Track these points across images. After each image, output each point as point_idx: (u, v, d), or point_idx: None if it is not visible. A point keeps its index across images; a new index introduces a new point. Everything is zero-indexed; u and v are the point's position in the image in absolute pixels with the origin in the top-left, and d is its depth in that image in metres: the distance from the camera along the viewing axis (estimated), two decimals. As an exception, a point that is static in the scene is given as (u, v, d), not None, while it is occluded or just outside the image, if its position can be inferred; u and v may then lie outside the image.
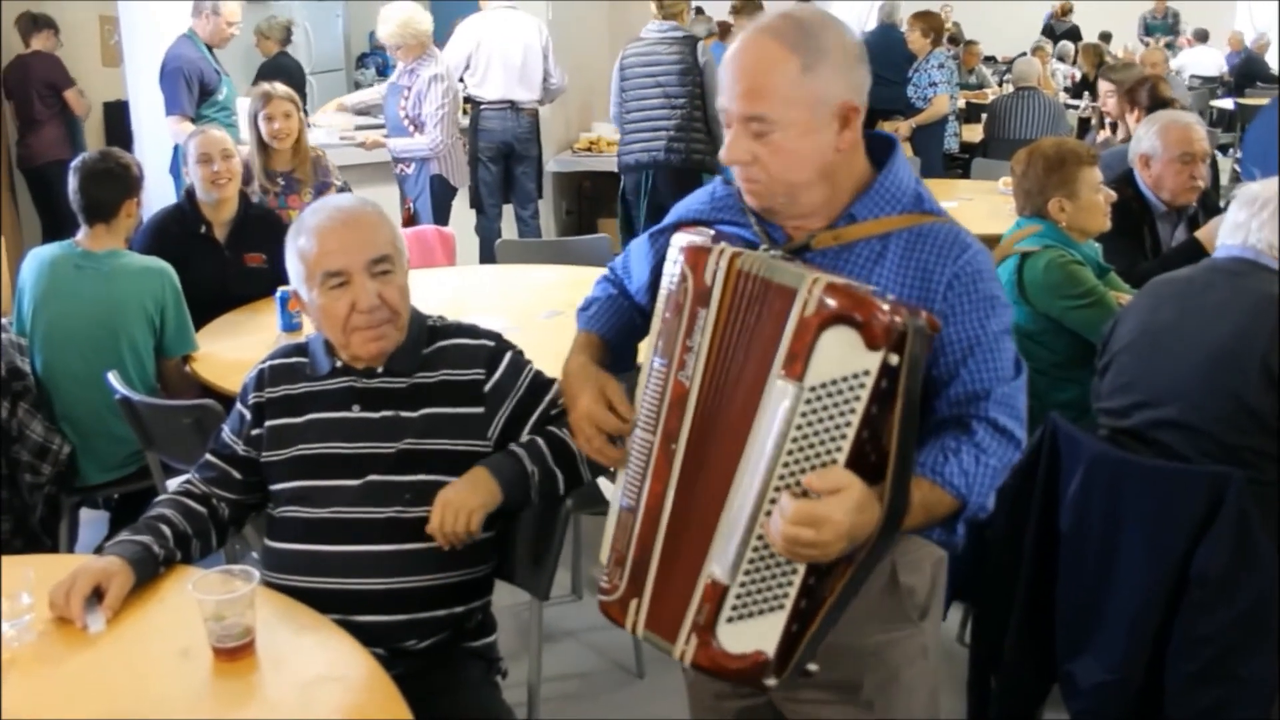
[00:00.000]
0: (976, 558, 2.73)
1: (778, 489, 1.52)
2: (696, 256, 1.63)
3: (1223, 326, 2.49)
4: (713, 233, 1.75)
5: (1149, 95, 4.79)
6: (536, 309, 3.78)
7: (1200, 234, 3.53)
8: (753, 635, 1.57)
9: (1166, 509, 2.37)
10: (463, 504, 2.03)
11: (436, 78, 5.68)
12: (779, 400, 1.52)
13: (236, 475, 2.22)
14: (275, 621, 1.87)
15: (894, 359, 1.47)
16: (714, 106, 5.74)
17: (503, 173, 6.59)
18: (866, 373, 1.47)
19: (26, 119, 7.38)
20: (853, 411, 1.48)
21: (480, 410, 2.15)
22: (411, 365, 2.16)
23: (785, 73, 1.62)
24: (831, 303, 1.49)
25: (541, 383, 2.22)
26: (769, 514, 1.52)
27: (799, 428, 1.51)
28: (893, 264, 1.67)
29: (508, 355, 2.21)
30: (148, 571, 1.98)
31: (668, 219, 1.90)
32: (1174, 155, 3.72)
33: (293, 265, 2.16)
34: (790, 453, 1.51)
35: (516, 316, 3.66)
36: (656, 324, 1.69)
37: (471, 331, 2.24)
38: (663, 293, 1.69)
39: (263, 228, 4.12)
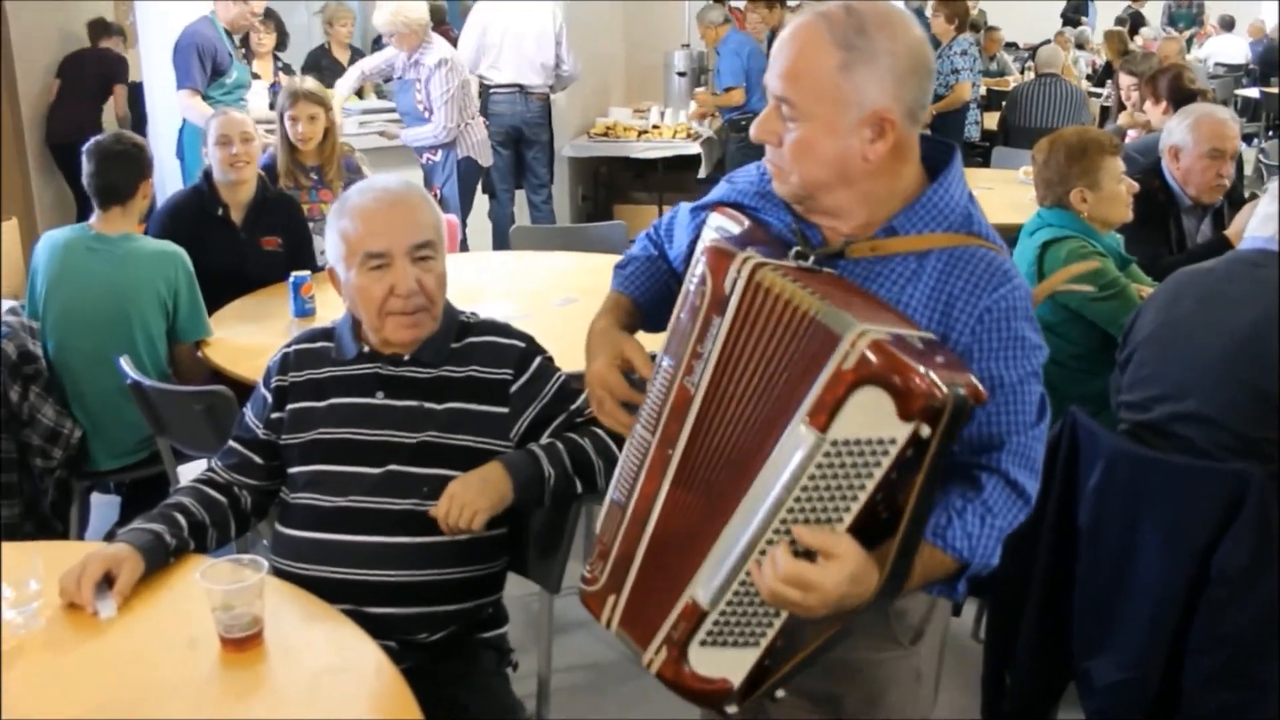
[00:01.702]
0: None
1: (776, 532, 1.47)
2: (719, 260, 1.56)
3: (1242, 317, 2.47)
4: (748, 223, 1.69)
5: (1170, 85, 4.73)
6: (550, 296, 3.77)
7: (1230, 231, 3.49)
8: (723, 663, 1.55)
9: (1187, 506, 2.35)
10: (470, 502, 2.02)
11: (441, 63, 5.68)
12: (796, 445, 1.45)
13: (258, 460, 2.22)
14: (284, 611, 1.87)
15: (925, 430, 1.38)
16: None
17: (514, 157, 6.58)
18: (893, 441, 1.39)
19: (70, 96, 7.46)
20: (870, 476, 1.42)
21: (505, 410, 2.14)
22: (439, 357, 2.15)
23: (821, 65, 1.56)
24: (872, 361, 1.40)
25: (569, 391, 2.20)
26: (763, 552, 1.48)
27: (811, 478, 1.44)
28: (926, 286, 1.60)
29: (538, 359, 2.19)
30: (158, 560, 1.97)
31: (713, 193, 1.83)
32: (1204, 150, 3.67)
33: (332, 244, 2.16)
34: (798, 500, 1.46)
35: (529, 303, 3.65)
36: (672, 321, 1.64)
37: (505, 331, 2.23)
38: (683, 290, 1.63)
39: (280, 211, 4.13)
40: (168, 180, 5.63)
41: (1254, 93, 11.98)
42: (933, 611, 1.80)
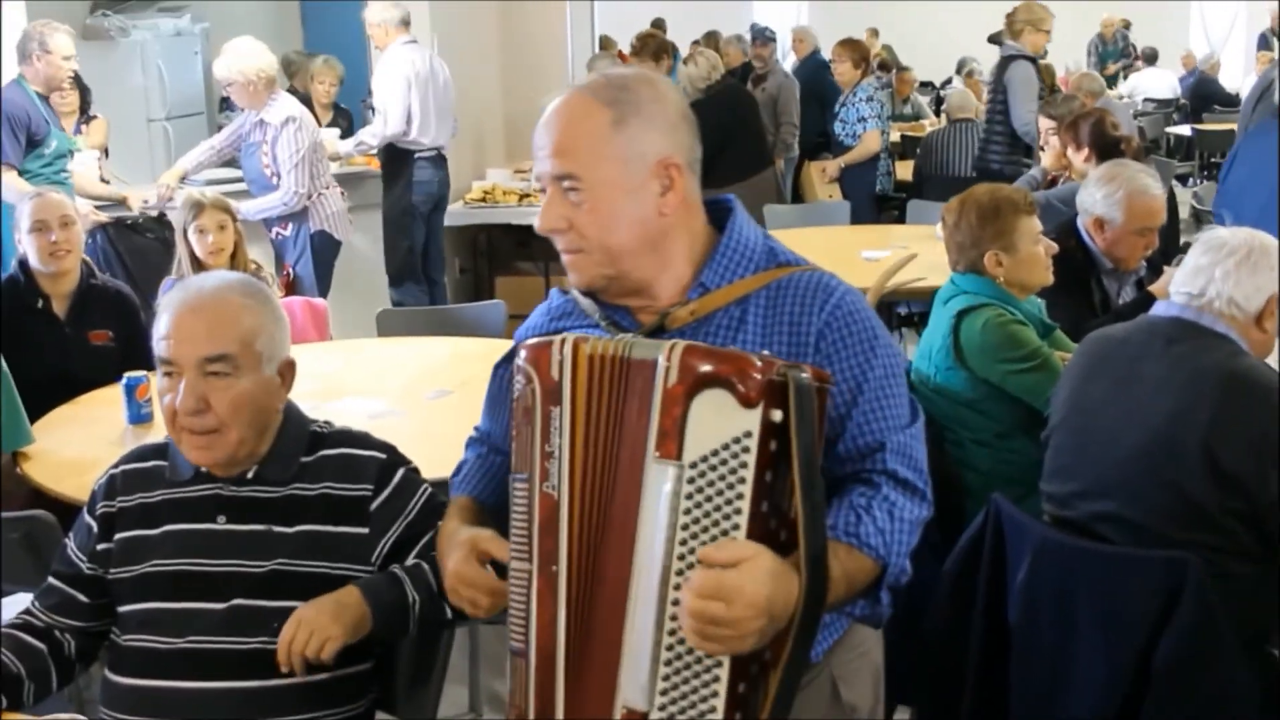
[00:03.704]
0: (918, 655, 2.74)
1: (677, 588, 1.50)
2: (537, 353, 1.65)
3: (1158, 407, 2.53)
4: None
5: (1092, 132, 4.87)
6: (422, 388, 3.75)
7: (1157, 286, 3.58)
8: None
9: (1122, 598, 2.41)
10: (320, 628, 1.98)
11: (289, 120, 5.65)
12: (659, 484, 1.52)
13: (82, 599, 2.17)
14: (114, 776, 1.82)
15: (777, 414, 1.49)
16: (1015, 120, 6.58)
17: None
18: (748, 434, 1.48)
19: None
20: (742, 481, 1.49)
21: (364, 531, 2.12)
22: (288, 473, 2.13)
23: (595, 127, 1.70)
24: (695, 366, 1.51)
25: (435, 505, 2.19)
26: (674, 618, 1.51)
27: (687, 511, 1.50)
28: (755, 327, 1.74)
29: (400, 472, 2.17)
30: (-36, 722, 1.92)
31: (513, 344, 1.92)
32: (1133, 229, 3.76)
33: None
34: (684, 542, 1.50)
35: (399, 398, 3.64)
36: (511, 441, 1.70)
37: (362, 441, 2.21)
38: (511, 406, 1.70)
39: (109, 301, 4.07)
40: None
41: (1186, 130, 12.41)
42: (877, 703, 1.91)
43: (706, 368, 1.51)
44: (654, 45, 7.92)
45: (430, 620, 2.10)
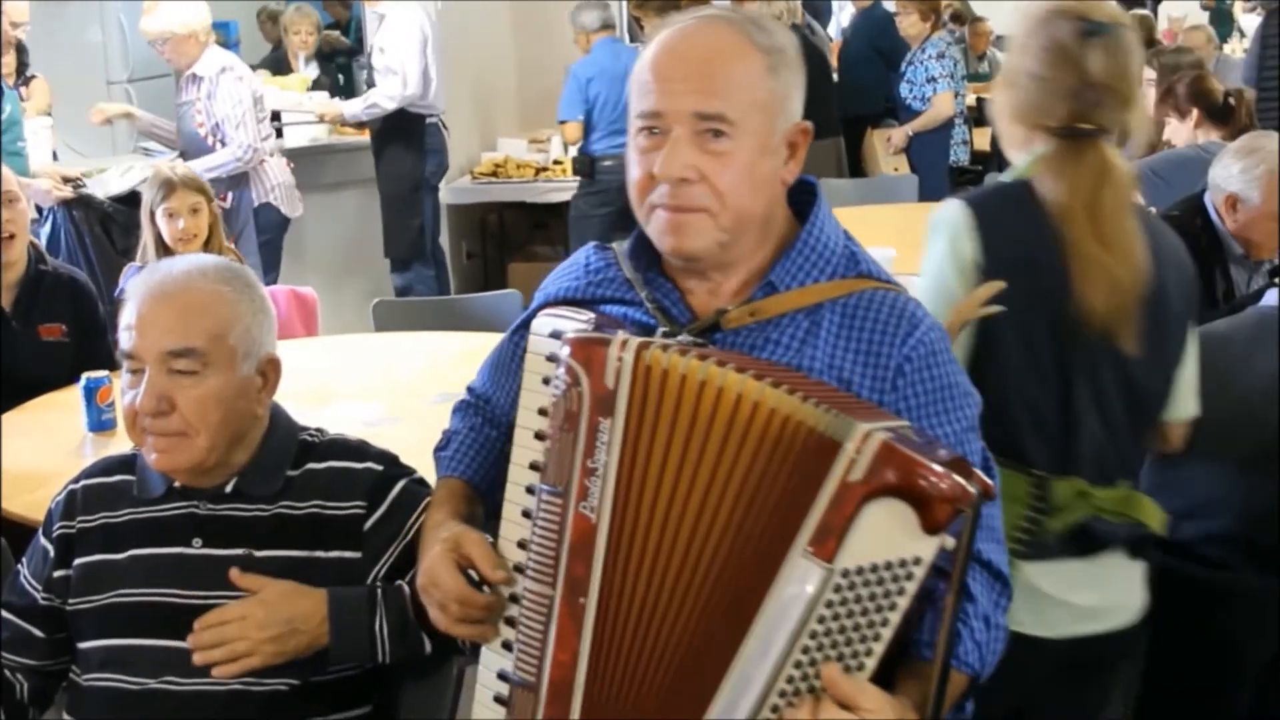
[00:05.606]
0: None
1: (783, 694, 1.49)
2: (589, 351, 1.61)
3: (1273, 404, 2.51)
4: (591, 316, 1.73)
5: (1191, 91, 4.80)
6: (424, 391, 3.76)
7: None
8: None
9: (1238, 635, 2.40)
10: (254, 645, 1.98)
11: (225, 69, 5.72)
12: (800, 581, 1.48)
13: (37, 634, 2.18)
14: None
15: (950, 542, 1.46)
16: None
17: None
18: (918, 561, 1.46)
19: None
20: (894, 608, 1.47)
21: (357, 556, 2.12)
22: (272, 489, 2.13)
23: (752, 69, 1.67)
24: (888, 472, 1.46)
25: None
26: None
27: (821, 620, 1.48)
28: (827, 343, 1.70)
29: (399, 486, 2.17)
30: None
31: (533, 302, 1.90)
32: (1273, 212, 3.64)
33: None
34: (805, 650, 1.49)
35: (398, 402, 3.66)
36: (542, 442, 1.67)
37: (357, 452, 2.21)
38: (548, 401, 1.66)
39: (62, 290, 4.08)
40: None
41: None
42: None
43: (901, 478, 1.46)
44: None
45: (406, 654, 2.08)
